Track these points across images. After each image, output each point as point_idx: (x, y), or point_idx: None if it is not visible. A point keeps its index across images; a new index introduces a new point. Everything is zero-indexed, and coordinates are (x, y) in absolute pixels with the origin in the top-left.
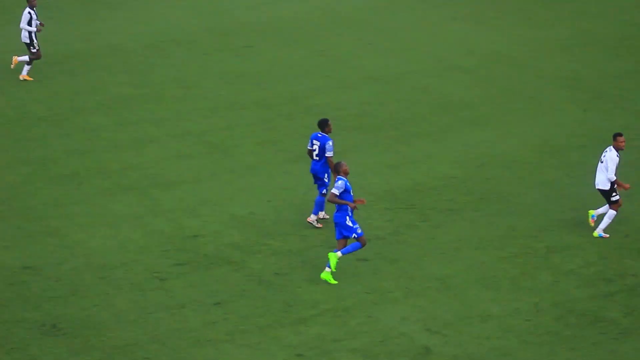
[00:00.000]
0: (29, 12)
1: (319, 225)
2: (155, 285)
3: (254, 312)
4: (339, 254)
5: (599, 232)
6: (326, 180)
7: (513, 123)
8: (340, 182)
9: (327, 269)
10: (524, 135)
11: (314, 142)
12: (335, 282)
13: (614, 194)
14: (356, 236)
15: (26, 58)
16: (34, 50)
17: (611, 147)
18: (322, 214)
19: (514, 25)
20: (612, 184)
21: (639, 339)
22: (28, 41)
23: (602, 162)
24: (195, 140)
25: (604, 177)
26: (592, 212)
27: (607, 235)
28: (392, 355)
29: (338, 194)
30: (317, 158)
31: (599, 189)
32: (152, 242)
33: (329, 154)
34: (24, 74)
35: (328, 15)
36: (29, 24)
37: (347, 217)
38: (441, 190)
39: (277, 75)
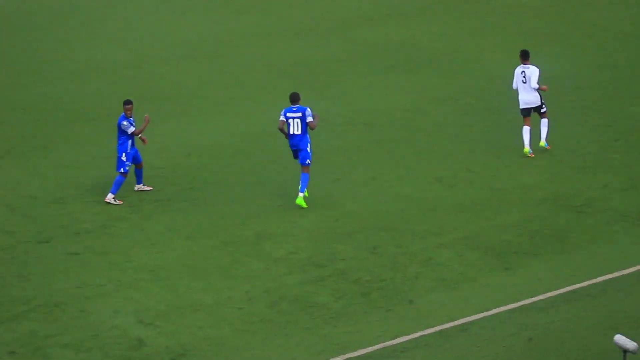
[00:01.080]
0: None
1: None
2: None
3: None
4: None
5: (544, 142)
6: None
7: (219, 111)
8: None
9: (300, 194)
10: (230, 123)
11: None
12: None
13: (543, 105)
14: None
15: None
16: None
17: (527, 64)
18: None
19: (218, 12)
20: (541, 97)
21: (350, 322)
22: None
23: (524, 82)
24: None
25: (532, 96)
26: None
27: (550, 147)
28: (105, 349)
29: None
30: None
31: (530, 108)
32: None
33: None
34: None
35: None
36: None
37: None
38: (149, 180)
39: None
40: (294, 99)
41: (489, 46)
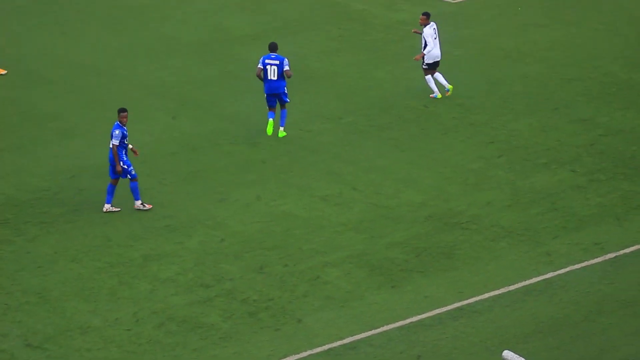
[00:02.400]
0: None
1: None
2: None
3: None
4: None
5: (447, 88)
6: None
7: (104, 132)
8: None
9: (281, 127)
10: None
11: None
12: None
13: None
14: None
15: None
16: None
17: (430, 24)
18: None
19: (98, 34)
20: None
21: (239, 342)
22: None
23: (436, 37)
24: None
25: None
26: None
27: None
28: None
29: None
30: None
31: (439, 60)
32: None
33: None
34: None
35: None
36: None
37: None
38: (34, 203)
39: None
40: (273, 47)
41: (371, 65)
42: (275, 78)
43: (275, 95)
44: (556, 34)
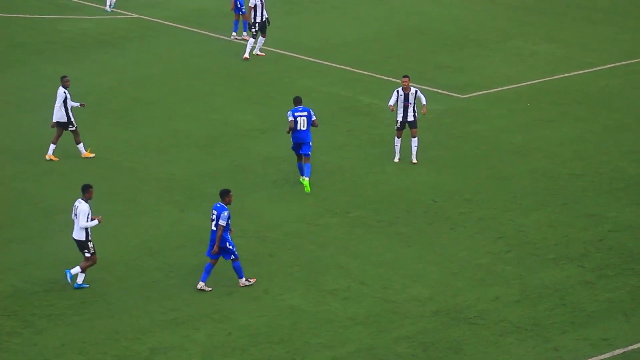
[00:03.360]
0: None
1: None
2: None
3: None
4: None
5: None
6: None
7: (112, 225)
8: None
9: (306, 178)
10: (123, 237)
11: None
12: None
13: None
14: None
15: None
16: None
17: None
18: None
19: (108, 127)
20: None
21: None
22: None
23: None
24: None
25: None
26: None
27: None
28: None
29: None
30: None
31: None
32: None
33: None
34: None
35: None
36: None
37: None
38: (41, 295)
39: None
40: (298, 101)
41: (379, 159)
42: (305, 128)
43: (303, 144)
44: (565, 130)
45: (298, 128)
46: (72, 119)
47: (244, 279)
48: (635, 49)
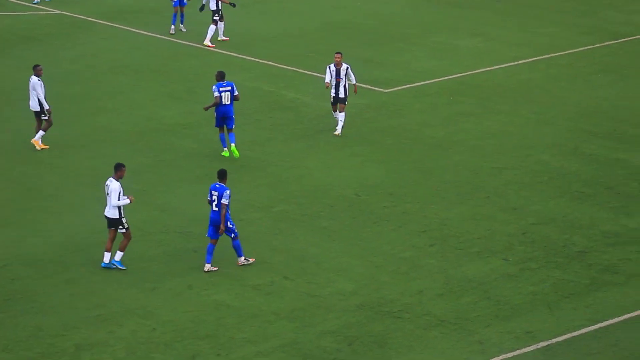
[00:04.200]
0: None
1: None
2: None
3: None
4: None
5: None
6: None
7: (36, 221)
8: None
9: (232, 144)
10: (48, 234)
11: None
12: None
13: None
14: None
15: None
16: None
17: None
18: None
19: (33, 122)
20: None
21: None
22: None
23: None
24: None
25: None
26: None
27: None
28: None
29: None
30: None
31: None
32: None
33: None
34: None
35: None
36: None
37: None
38: None
39: None
40: (222, 76)
41: (303, 154)
42: (229, 102)
43: (227, 119)
44: (487, 123)
45: (223, 102)
46: (45, 108)
47: (242, 258)
48: (557, 43)
